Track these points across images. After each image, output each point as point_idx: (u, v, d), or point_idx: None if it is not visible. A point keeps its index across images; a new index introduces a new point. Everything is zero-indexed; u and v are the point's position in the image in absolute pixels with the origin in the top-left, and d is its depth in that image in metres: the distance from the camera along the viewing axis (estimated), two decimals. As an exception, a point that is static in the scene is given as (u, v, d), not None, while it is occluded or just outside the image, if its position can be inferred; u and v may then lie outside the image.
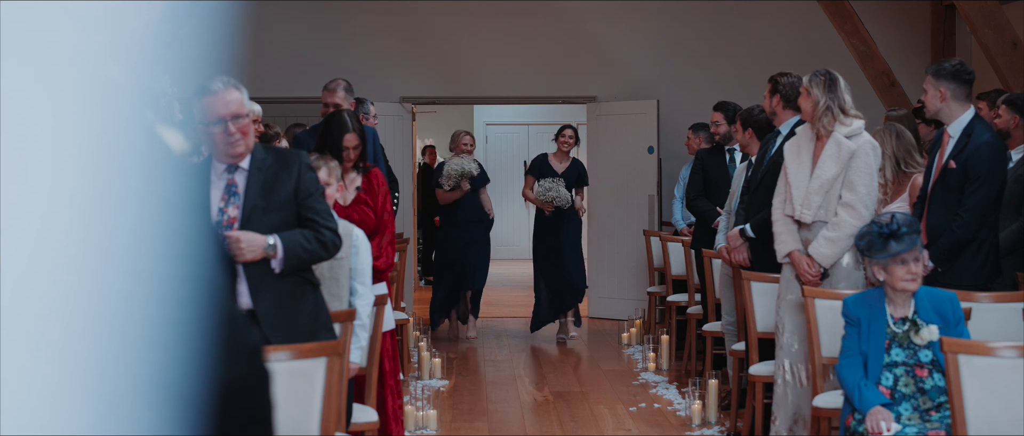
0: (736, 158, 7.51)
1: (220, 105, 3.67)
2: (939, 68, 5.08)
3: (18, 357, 1.07)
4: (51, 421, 1.08)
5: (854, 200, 4.96)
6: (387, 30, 10.88)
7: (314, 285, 3.86)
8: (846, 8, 9.31)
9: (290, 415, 3.43)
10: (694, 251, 7.79)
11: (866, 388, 4.16)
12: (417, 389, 7.14)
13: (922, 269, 4.28)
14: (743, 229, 5.85)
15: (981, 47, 7.88)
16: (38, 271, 1.09)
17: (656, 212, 10.49)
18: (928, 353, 4.21)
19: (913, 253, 4.23)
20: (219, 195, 3.75)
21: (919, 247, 4.26)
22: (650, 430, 6.34)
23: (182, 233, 1.26)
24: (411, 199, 11.23)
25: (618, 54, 10.92)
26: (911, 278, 4.23)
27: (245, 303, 3.67)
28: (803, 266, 5.03)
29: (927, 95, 5.11)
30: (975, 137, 4.99)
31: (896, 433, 4.07)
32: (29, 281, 1.09)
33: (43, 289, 1.09)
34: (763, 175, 5.86)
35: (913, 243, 4.22)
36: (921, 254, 4.29)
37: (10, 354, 1.06)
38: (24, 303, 1.08)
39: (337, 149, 5.13)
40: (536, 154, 10.12)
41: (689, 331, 7.79)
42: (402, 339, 7.55)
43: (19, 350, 1.07)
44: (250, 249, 3.62)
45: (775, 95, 5.94)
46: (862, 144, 5.00)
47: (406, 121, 10.91)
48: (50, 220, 1.10)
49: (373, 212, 5.24)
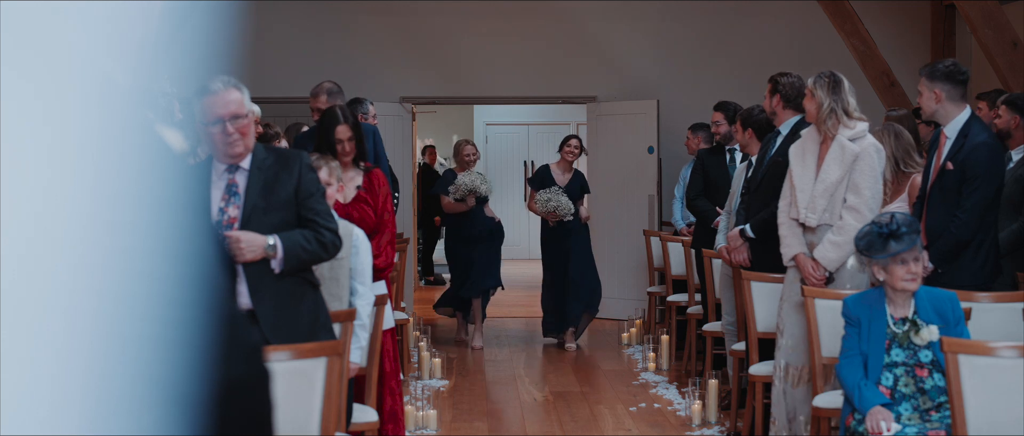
0: (736, 158, 7.50)
1: (219, 105, 3.67)
2: (933, 70, 5.07)
3: (18, 357, 1.07)
4: (51, 421, 1.08)
5: (858, 203, 4.95)
6: (387, 30, 10.88)
7: (314, 285, 3.87)
8: (846, 8, 9.31)
9: (290, 415, 3.43)
10: (694, 251, 7.79)
11: (866, 388, 4.16)
12: (417, 389, 7.14)
13: (922, 269, 4.28)
14: (743, 229, 5.84)
15: (981, 47, 7.88)
16: (37, 271, 1.09)
17: (656, 212, 10.49)
18: (928, 353, 4.21)
19: (913, 253, 4.23)
20: (219, 195, 3.75)
21: (919, 247, 4.26)
22: (650, 430, 6.33)
23: (182, 232, 1.26)
24: (411, 199, 11.22)
25: (618, 54, 10.92)
26: (911, 278, 4.23)
27: (245, 303, 3.67)
28: (808, 270, 5.02)
29: (922, 97, 5.11)
30: (971, 138, 4.99)
31: (896, 433, 4.07)
32: (28, 281, 1.09)
33: (42, 289, 1.09)
34: (763, 175, 5.86)
35: (913, 243, 4.22)
36: (921, 254, 4.29)
37: (10, 354, 1.06)
38: (23, 303, 1.08)
39: (331, 143, 5.12)
40: (536, 154, 10.14)
41: (689, 331, 7.79)
42: (402, 339, 7.55)
43: (19, 350, 1.07)
44: (250, 249, 3.62)
45: (775, 95, 5.94)
46: (866, 147, 5.00)
47: (406, 121, 10.91)
48: (49, 219, 1.10)
49: (373, 211, 5.23)
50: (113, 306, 1.14)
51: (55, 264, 1.10)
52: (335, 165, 4.51)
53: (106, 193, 1.15)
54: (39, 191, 1.10)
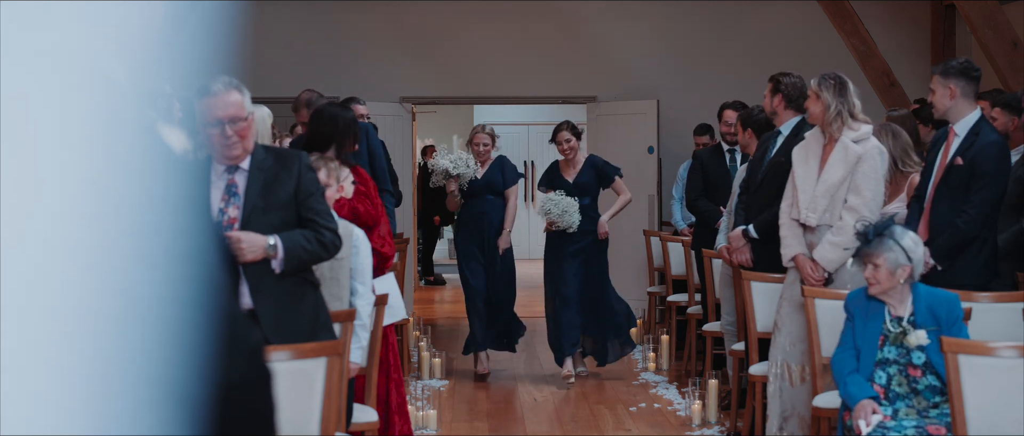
0: (737, 158, 7.50)
1: (219, 107, 3.66)
2: (947, 67, 5.08)
3: (18, 357, 1.07)
4: (51, 421, 1.08)
5: (859, 204, 4.96)
6: (387, 30, 10.88)
7: (314, 285, 3.87)
8: (846, 8, 9.31)
9: (290, 415, 3.43)
10: (694, 251, 7.78)
11: (851, 383, 4.19)
12: (417, 389, 7.14)
13: (884, 275, 4.24)
14: (746, 229, 5.84)
15: (981, 47, 7.88)
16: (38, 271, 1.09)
17: (656, 212, 10.49)
18: (920, 355, 4.21)
19: (875, 258, 4.23)
20: (219, 195, 3.75)
21: (879, 252, 4.23)
22: (650, 430, 6.34)
23: (182, 232, 1.26)
24: (411, 199, 11.22)
25: (618, 54, 10.92)
26: (871, 281, 4.25)
27: (246, 303, 3.67)
28: (807, 270, 5.03)
29: (935, 95, 5.10)
30: (983, 136, 5.01)
31: (895, 428, 4.07)
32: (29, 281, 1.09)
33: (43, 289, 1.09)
34: (764, 175, 5.85)
35: (880, 246, 4.23)
36: (882, 258, 4.23)
37: (10, 354, 1.06)
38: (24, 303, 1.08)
39: (324, 137, 5.10)
40: (536, 154, 10.08)
41: (689, 331, 7.79)
42: (402, 339, 7.55)
43: (19, 350, 1.07)
44: (251, 249, 3.62)
45: (776, 95, 5.93)
46: (869, 149, 5.01)
47: (406, 121, 10.91)
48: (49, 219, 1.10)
49: (372, 204, 5.23)
50: (114, 306, 1.14)
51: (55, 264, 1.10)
52: (334, 166, 4.51)
53: (107, 193, 1.15)
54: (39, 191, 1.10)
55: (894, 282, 4.23)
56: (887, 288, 4.24)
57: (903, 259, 4.22)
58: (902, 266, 4.22)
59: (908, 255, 4.23)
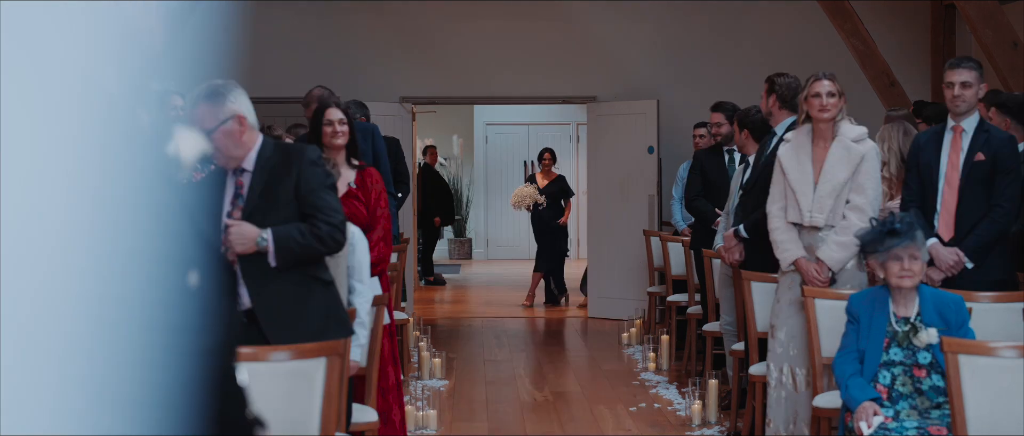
0: (735, 158, 7.51)
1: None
2: (975, 62, 5.21)
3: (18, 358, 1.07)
4: (51, 421, 1.08)
5: (863, 203, 4.97)
6: (387, 30, 10.87)
7: (324, 282, 3.83)
8: (846, 8, 9.31)
9: (290, 415, 3.43)
10: (694, 251, 7.79)
11: (853, 385, 4.18)
12: (417, 389, 7.13)
13: (920, 268, 4.27)
14: (737, 230, 5.86)
15: (981, 47, 7.88)
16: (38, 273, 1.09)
17: (656, 212, 10.49)
18: (927, 355, 4.21)
19: (909, 250, 4.22)
20: (229, 198, 3.75)
21: (917, 245, 4.25)
22: (650, 430, 6.33)
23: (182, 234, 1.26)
24: (411, 199, 11.22)
25: (618, 54, 10.91)
26: (906, 275, 4.23)
27: (245, 302, 3.66)
28: (811, 273, 5.01)
29: (970, 88, 5.11)
30: (995, 132, 5.12)
31: (896, 430, 4.07)
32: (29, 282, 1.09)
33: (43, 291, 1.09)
34: (759, 176, 5.86)
35: (911, 240, 4.23)
36: (919, 251, 4.27)
37: (10, 355, 1.06)
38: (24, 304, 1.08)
39: (320, 129, 5.09)
40: (536, 154, 10.12)
41: (689, 331, 7.79)
42: (402, 339, 7.55)
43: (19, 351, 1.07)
44: (239, 241, 3.60)
45: (771, 95, 5.94)
46: (870, 148, 5.05)
47: (406, 121, 10.90)
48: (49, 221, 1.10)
49: (365, 208, 5.21)
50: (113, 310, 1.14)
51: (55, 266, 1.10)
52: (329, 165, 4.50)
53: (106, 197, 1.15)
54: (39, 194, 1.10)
55: (920, 277, 4.28)
56: (917, 282, 4.26)
57: (926, 255, 4.28)
58: (924, 262, 4.29)
59: (927, 252, 4.31)
